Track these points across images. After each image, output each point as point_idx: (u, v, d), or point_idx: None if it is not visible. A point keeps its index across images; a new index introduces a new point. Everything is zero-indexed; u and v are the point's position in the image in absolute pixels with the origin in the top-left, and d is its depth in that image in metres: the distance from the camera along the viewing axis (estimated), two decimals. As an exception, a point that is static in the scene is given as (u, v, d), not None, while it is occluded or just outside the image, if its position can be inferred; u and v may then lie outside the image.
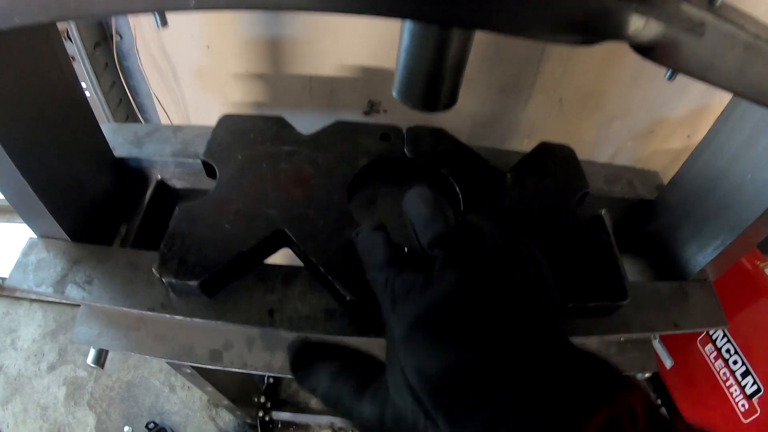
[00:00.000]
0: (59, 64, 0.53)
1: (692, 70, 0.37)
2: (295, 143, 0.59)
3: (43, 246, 0.59)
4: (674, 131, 1.11)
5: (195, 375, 0.93)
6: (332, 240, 0.50)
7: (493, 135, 1.06)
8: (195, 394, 1.59)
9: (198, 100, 1.01)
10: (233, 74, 0.94)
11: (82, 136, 0.59)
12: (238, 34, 0.87)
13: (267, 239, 0.50)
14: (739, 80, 0.38)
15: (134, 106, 1.04)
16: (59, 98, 0.54)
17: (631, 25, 0.31)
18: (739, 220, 0.57)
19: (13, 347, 1.70)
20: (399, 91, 0.39)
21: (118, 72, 0.96)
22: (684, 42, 0.33)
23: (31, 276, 0.57)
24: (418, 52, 0.36)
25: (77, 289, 0.55)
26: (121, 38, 0.92)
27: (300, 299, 0.51)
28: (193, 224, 0.52)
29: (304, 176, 0.56)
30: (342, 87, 0.95)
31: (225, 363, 0.62)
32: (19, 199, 0.53)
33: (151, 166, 0.68)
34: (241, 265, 0.51)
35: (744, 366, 1.11)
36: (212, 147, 0.59)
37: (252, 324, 0.50)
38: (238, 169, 0.56)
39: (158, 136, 0.70)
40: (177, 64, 0.94)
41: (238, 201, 0.53)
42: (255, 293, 0.52)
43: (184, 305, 0.52)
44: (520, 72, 0.93)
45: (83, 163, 0.60)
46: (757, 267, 1.12)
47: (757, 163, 0.55)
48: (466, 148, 0.62)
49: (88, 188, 0.61)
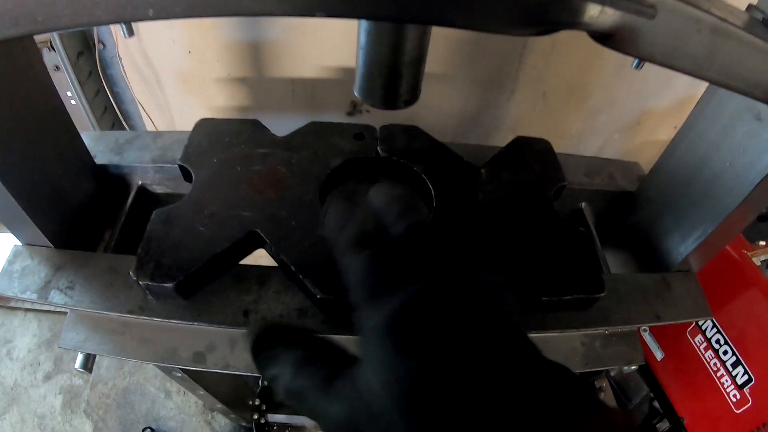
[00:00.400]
0: (36, 75, 0.53)
1: (656, 57, 0.37)
2: (269, 145, 0.60)
3: (27, 253, 0.60)
4: (661, 122, 1.12)
5: (186, 378, 0.93)
6: (304, 240, 0.51)
7: (478, 131, 1.07)
8: (190, 399, 1.59)
9: (182, 105, 1.01)
10: (216, 79, 0.94)
11: (62, 145, 0.60)
12: (219, 38, 0.87)
13: (241, 240, 0.51)
14: (709, 66, 0.38)
15: (119, 114, 1.04)
16: (38, 108, 0.54)
17: (586, 12, 0.31)
18: (720, 208, 0.58)
19: (8, 357, 1.70)
20: (360, 89, 0.39)
21: (102, 80, 0.96)
22: (641, 27, 0.33)
23: (16, 283, 0.58)
24: (374, 50, 0.36)
25: (60, 294, 0.56)
26: (104, 47, 0.92)
27: (274, 299, 0.52)
28: (169, 228, 0.52)
29: (278, 177, 0.56)
30: (324, 89, 0.95)
31: (208, 364, 0.62)
32: (3, 209, 0.54)
33: (132, 172, 0.69)
34: (216, 267, 0.52)
35: (734, 356, 1.11)
36: (188, 151, 0.59)
37: (227, 325, 0.51)
38: (213, 173, 0.57)
39: (138, 142, 0.70)
40: (160, 71, 0.95)
41: (212, 204, 0.54)
42: (230, 294, 0.53)
43: (162, 308, 0.52)
44: (502, 66, 0.93)
45: (64, 172, 0.61)
46: (745, 256, 1.12)
47: (736, 150, 0.55)
48: (439, 144, 0.62)
49: (70, 196, 0.62)
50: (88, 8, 0.33)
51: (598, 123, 1.09)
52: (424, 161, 0.60)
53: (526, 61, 0.92)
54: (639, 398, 1.41)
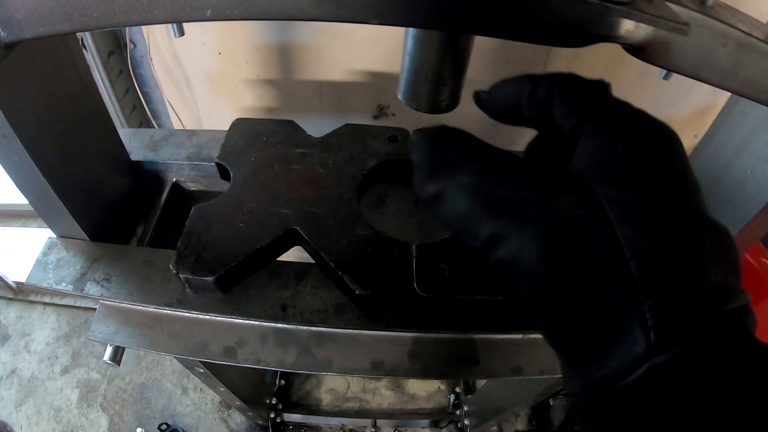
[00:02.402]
0: (79, 72, 0.55)
1: (685, 69, 0.38)
2: (306, 145, 0.61)
3: (62, 246, 0.61)
4: (681, 130, 1.10)
5: (208, 375, 0.95)
6: (342, 237, 0.52)
7: (501, 136, 1.07)
8: (207, 396, 1.61)
9: (210, 105, 1.03)
10: (244, 80, 0.96)
11: (100, 141, 0.61)
12: (248, 40, 0.89)
13: (280, 237, 0.52)
14: (734, 77, 0.39)
15: (148, 112, 1.06)
16: (79, 105, 0.56)
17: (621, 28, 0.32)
18: (741, 216, 0.58)
19: (27, 350, 1.73)
20: (404, 93, 0.40)
21: (132, 79, 0.98)
22: (673, 41, 0.34)
23: (51, 274, 0.59)
24: (421, 57, 0.38)
25: (96, 286, 0.57)
26: (134, 46, 0.95)
27: (311, 294, 0.53)
28: (209, 223, 0.53)
29: (315, 177, 0.57)
30: (351, 92, 0.96)
31: (239, 359, 0.64)
32: (41, 202, 0.55)
33: (167, 169, 0.70)
34: (255, 262, 0.53)
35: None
36: (226, 150, 0.61)
37: (265, 318, 0.52)
38: (251, 171, 0.58)
39: (173, 140, 0.72)
40: (189, 71, 0.97)
41: (251, 201, 0.55)
42: (268, 289, 0.54)
43: (200, 301, 0.54)
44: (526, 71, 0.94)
45: (102, 167, 0.62)
46: (763, 264, 1.12)
47: (758, 159, 0.56)
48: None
49: (107, 190, 0.63)
50: (145, 6, 0.34)
51: (619, 130, 1.09)
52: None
53: (550, 68, 0.93)
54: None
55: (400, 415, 1.62)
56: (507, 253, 0.24)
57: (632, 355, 0.21)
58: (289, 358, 0.63)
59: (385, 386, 1.67)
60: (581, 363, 0.23)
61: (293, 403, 1.59)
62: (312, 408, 1.60)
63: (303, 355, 0.63)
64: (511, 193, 0.24)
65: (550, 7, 0.30)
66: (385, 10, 0.30)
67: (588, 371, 0.23)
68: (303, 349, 0.64)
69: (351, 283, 0.48)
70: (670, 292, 0.21)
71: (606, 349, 0.22)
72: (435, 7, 0.30)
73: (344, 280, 0.49)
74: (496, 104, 0.34)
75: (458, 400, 1.59)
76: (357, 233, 0.52)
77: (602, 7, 0.31)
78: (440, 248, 0.51)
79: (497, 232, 0.24)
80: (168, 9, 0.35)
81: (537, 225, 0.23)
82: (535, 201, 0.24)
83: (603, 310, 0.22)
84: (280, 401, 1.52)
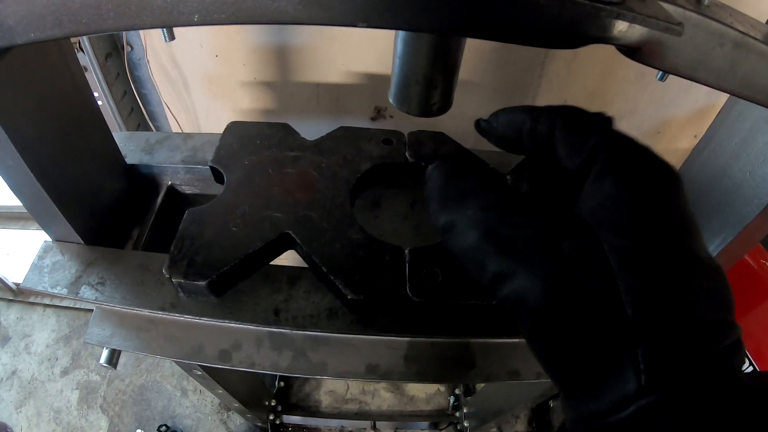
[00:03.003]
0: (72, 76, 0.55)
1: (680, 70, 0.38)
2: (299, 148, 0.61)
3: (57, 249, 0.61)
4: (681, 131, 1.11)
5: (206, 377, 0.95)
6: (335, 241, 0.51)
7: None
8: (206, 398, 1.61)
9: (208, 107, 1.03)
10: (242, 82, 0.96)
11: (95, 144, 0.61)
12: (245, 42, 0.89)
13: (273, 241, 0.52)
14: (731, 78, 0.39)
15: (145, 115, 1.06)
16: (73, 108, 0.56)
17: (614, 29, 0.32)
18: (740, 218, 0.58)
19: (27, 352, 1.73)
20: (395, 97, 0.40)
21: (130, 81, 0.98)
22: (668, 42, 0.34)
23: (46, 278, 0.59)
24: (411, 60, 0.37)
25: (90, 290, 0.57)
26: (131, 49, 0.95)
27: (304, 299, 0.53)
28: (202, 227, 0.53)
29: (309, 180, 0.57)
30: (349, 93, 0.96)
31: (234, 363, 0.64)
32: (36, 205, 0.55)
33: (162, 172, 0.70)
34: (248, 266, 0.53)
35: (751, 367, 1.11)
36: (220, 153, 0.61)
37: (258, 323, 0.52)
38: (244, 174, 0.58)
39: (169, 143, 0.72)
40: (187, 73, 0.97)
41: (244, 204, 0.55)
42: (261, 293, 0.54)
43: (193, 305, 0.54)
44: (524, 74, 0.94)
45: (97, 170, 0.62)
46: (763, 266, 1.11)
47: (756, 160, 0.56)
48: (466, 151, 0.63)
49: (102, 194, 0.63)
50: (133, 12, 0.34)
51: (618, 131, 1.09)
52: (451, 167, 0.60)
53: (549, 69, 0.93)
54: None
55: (400, 417, 1.62)
56: (512, 291, 0.25)
57: (623, 394, 0.23)
58: (284, 362, 0.63)
59: (385, 388, 1.67)
60: (576, 395, 0.25)
61: (292, 405, 1.59)
62: (311, 410, 1.60)
63: (298, 358, 0.63)
64: (517, 232, 0.26)
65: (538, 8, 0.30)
66: (372, 13, 0.30)
67: (583, 402, 0.25)
68: (298, 353, 0.63)
69: (343, 288, 0.48)
70: (662, 339, 0.23)
71: (600, 385, 0.24)
72: (422, 10, 0.29)
73: (336, 285, 0.48)
74: (495, 134, 0.35)
75: (458, 402, 1.59)
76: (350, 237, 0.52)
77: (592, 8, 0.30)
78: (434, 252, 0.51)
79: (503, 270, 0.25)
80: (156, 14, 0.35)
81: (541, 267, 0.25)
82: (540, 242, 0.25)
83: (599, 350, 0.24)
84: (280, 403, 1.52)
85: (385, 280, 0.49)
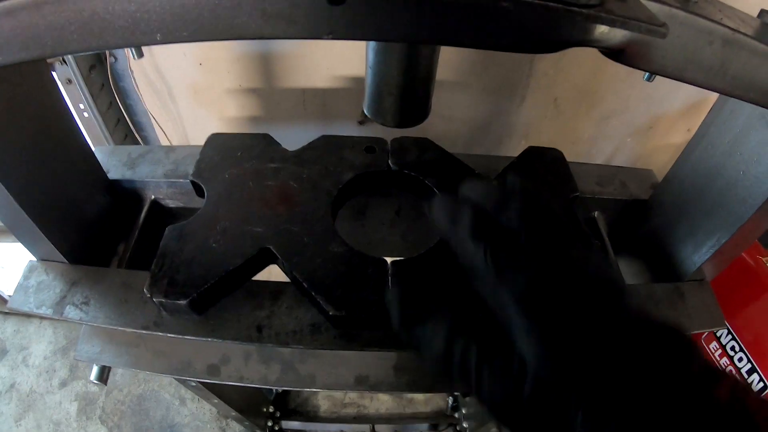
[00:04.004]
0: (47, 91, 0.54)
1: (668, 71, 0.37)
2: (280, 160, 0.60)
3: (42, 269, 0.61)
4: (674, 126, 1.10)
5: (200, 388, 0.94)
6: (316, 256, 0.51)
7: (489, 138, 1.06)
8: (205, 406, 1.60)
9: (194, 116, 1.02)
10: (227, 90, 0.95)
11: (75, 161, 0.61)
12: (229, 50, 0.88)
13: (253, 257, 0.51)
14: (722, 77, 0.38)
15: (131, 126, 1.05)
16: (49, 125, 0.55)
17: (594, 32, 0.31)
18: (735, 217, 0.57)
19: (24, 364, 1.72)
20: (369, 108, 0.39)
21: (114, 93, 0.97)
22: (652, 43, 0.33)
23: (32, 298, 0.59)
24: (383, 69, 0.36)
25: (75, 310, 0.57)
26: (115, 60, 0.93)
27: (287, 314, 0.52)
28: (183, 244, 0.53)
29: (290, 193, 0.56)
30: (335, 98, 0.95)
31: (222, 377, 0.63)
32: (17, 225, 0.55)
33: (145, 186, 0.70)
34: (229, 283, 0.52)
35: (749, 363, 1.10)
36: (200, 167, 0.60)
37: (241, 340, 0.51)
38: (225, 188, 0.57)
39: (151, 157, 0.71)
40: (172, 83, 0.96)
41: (225, 219, 0.54)
42: (243, 310, 0.53)
43: (176, 323, 0.53)
44: (513, 74, 0.93)
45: (78, 187, 0.61)
46: (760, 262, 1.10)
47: (750, 159, 0.54)
48: (450, 156, 0.62)
49: (84, 211, 0.63)
50: (96, 32, 0.34)
51: (610, 128, 1.08)
52: (436, 174, 0.59)
53: (537, 67, 0.92)
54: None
55: (399, 419, 1.61)
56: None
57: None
58: (273, 375, 0.63)
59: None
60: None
61: (291, 411, 1.58)
62: (310, 415, 1.59)
63: (287, 371, 0.63)
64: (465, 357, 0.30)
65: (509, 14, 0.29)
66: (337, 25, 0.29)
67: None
68: (286, 366, 0.63)
69: (324, 304, 0.47)
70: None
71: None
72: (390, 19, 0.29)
73: (318, 301, 0.48)
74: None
75: (456, 403, 1.58)
76: (331, 250, 0.51)
77: (565, 12, 0.29)
78: (416, 264, 0.50)
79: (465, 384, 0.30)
80: (119, 34, 0.35)
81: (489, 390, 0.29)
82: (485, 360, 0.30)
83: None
84: (278, 409, 1.52)
85: (367, 294, 0.48)
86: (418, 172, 0.60)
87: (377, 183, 0.61)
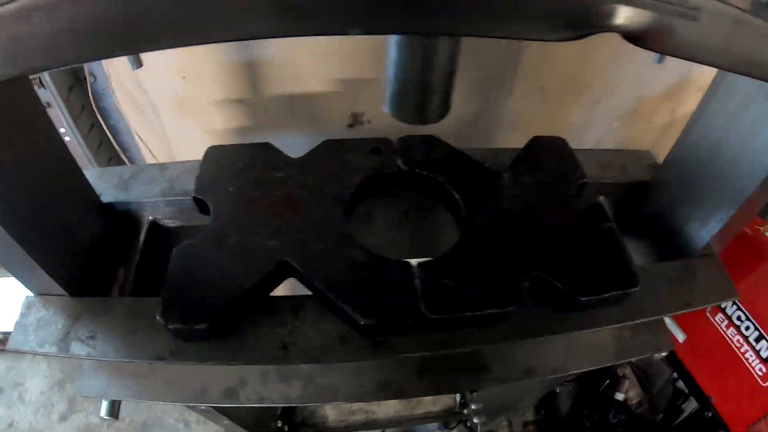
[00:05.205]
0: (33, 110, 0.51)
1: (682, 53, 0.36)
2: (285, 168, 0.58)
3: (41, 304, 0.57)
4: (658, 107, 1.11)
5: (210, 411, 0.92)
6: (335, 263, 0.49)
7: (478, 131, 1.06)
8: (211, 428, 1.57)
9: (179, 130, 0.99)
10: (212, 101, 0.92)
11: (65, 186, 0.58)
12: (212, 60, 0.85)
13: (271, 272, 0.49)
14: (726, 56, 0.38)
15: (116, 146, 1.02)
16: (37, 151, 0.52)
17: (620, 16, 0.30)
18: (740, 191, 0.57)
19: (21, 401, 1.67)
20: (391, 105, 0.38)
21: (96, 113, 0.94)
22: (677, 27, 0.32)
23: (32, 337, 0.55)
24: (407, 65, 0.35)
25: (81, 345, 0.54)
26: (95, 79, 0.91)
27: (311, 328, 0.50)
28: (193, 265, 0.50)
29: (299, 201, 0.54)
30: (323, 102, 0.93)
31: (241, 400, 0.61)
32: (12, 261, 0.52)
33: (141, 208, 0.67)
34: (248, 302, 0.50)
35: (757, 331, 1.11)
36: (202, 182, 0.58)
37: (266, 362, 0.49)
38: (231, 202, 0.55)
39: (144, 176, 0.68)
40: (154, 98, 0.93)
41: (235, 235, 0.52)
42: (264, 328, 0.51)
43: (193, 350, 0.50)
44: (499, 65, 0.92)
45: (71, 214, 0.59)
46: (758, 231, 1.12)
47: (750, 132, 0.55)
48: (459, 153, 0.61)
49: (80, 238, 0.60)
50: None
51: (596, 113, 1.09)
52: (447, 171, 0.58)
53: (523, 57, 0.91)
54: (662, 381, 1.41)
55: (408, 421, 1.60)
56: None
57: None
58: (294, 392, 0.61)
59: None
60: None
61: (299, 424, 1.56)
62: (318, 426, 1.57)
63: (307, 386, 0.61)
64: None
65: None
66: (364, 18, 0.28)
67: None
68: (307, 381, 0.61)
69: (352, 313, 0.45)
70: None
71: None
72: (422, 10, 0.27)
73: (344, 310, 0.46)
74: None
75: (464, 400, 1.57)
76: (350, 257, 0.49)
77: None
78: (443, 264, 0.49)
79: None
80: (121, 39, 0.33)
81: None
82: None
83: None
84: (286, 423, 1.49)
85: (395, 299, 0.46)
86: (429, 171, 0.58)
87: (388, 184, 0.60)
